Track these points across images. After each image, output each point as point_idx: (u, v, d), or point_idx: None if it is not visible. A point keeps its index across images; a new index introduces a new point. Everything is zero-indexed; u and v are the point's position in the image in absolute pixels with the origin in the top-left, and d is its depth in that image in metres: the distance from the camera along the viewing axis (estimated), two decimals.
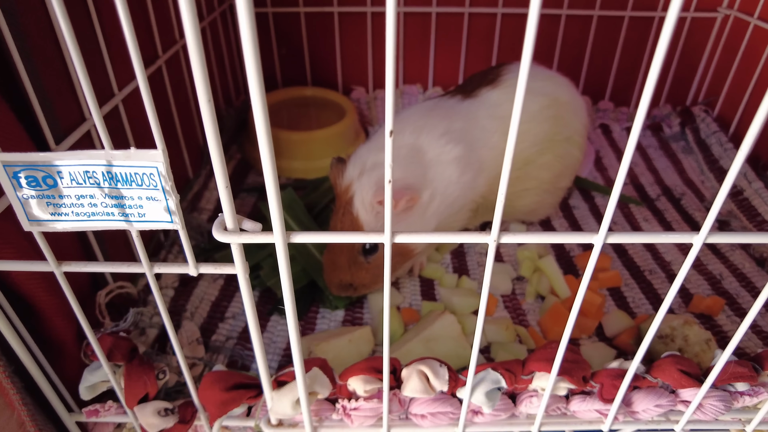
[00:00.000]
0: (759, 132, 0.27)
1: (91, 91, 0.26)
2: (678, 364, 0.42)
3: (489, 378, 0.39)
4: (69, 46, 0.25)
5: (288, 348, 0.56)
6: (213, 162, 0.28)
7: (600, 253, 0.66)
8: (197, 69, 0.24)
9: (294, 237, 0.30)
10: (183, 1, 0.22)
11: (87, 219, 0.31)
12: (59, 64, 0.47)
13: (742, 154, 0.27)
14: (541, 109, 0.62)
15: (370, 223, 0.54)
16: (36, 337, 0.41)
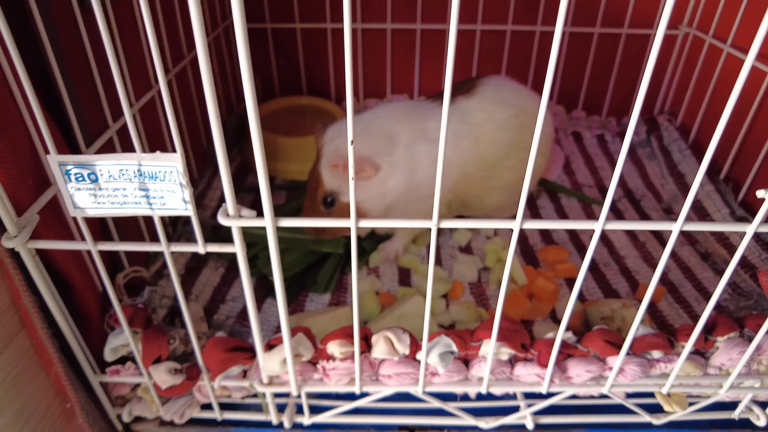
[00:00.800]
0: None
1: (129, 109, 0.35)
2: (604, 335, 0.51)
3: (442, 342, 0.48)
4: (113, 69, 0.33)
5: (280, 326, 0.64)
6: (218, 159, 0.36)
7: (558, 247, 0.75)
8: (207, 85, 0.33)
9: (281, 222, 0.38)
10: (195, 23, 0.31)
11: (120, 207, 0.39)
12: (90, 79, 0.56)
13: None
14: (508, 118, 0.71)
15: (328, 180, 0.66)
16: (68, 309, 0.50)
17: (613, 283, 0.73)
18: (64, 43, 0.51)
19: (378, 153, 0.66)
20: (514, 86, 0.76)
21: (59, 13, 0.50)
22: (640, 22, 1.02)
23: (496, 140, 0.70)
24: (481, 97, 0.71)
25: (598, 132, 1.10)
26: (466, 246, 0.78)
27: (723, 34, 0.92)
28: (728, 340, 0.54)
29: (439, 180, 0.37)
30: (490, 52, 1.04)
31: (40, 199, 0.45)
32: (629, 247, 0.80)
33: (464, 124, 0.70)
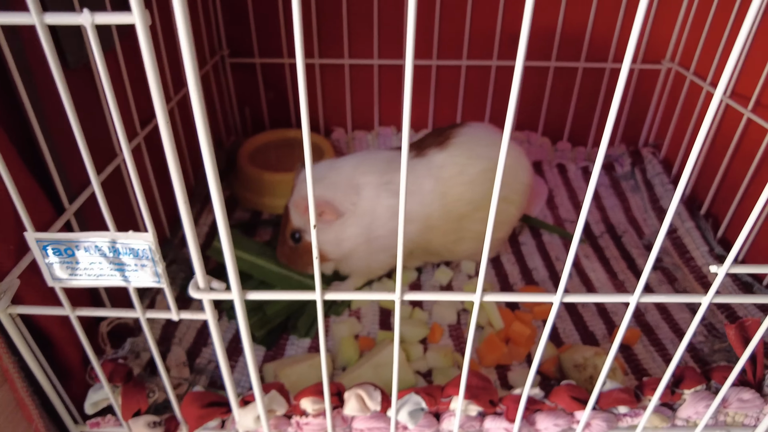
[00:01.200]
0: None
1: (98, 182, 0.36)
2: (570, 391, 0.52)
3: (412, 400, 0.49)
4: (77, 137, 0.35)
5: (261, 371, 0.66)
6: (186, 233, 0.38)
7: (538, 287, 0.76)
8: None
9: (249, 294, 0.40)
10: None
11: (96, 278, 0.41)
12: (71, 134, 0.57)
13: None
14: (479, 172, 0.72)
15: (295, 218, 0.71)
16: (49, 361, 0.51)
17: (590, 324, 0.74)
18: (46, 103, 0.53)
19: (341, 200, 0.69)
20: (490, 137, 0.76)
21: (41, 74, 0.52)
22: (622, 57, 1.04)
23: (465, 194, 0.72)
24: (454, 150, 0.72)
25: (583, 164, 1.11)
26: (447, 285, 0.79)
27: (704, 71, 0.94)
28: (695, 393, 0.55)
29: (400, 251, 0.38)
30: (475, 86, 1.06)
31: (20, 263, 0.46)
32: (608, 286, 0.81)
33: (432, 179, 0.72)
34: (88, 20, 0.30)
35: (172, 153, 0.33)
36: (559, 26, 1.00)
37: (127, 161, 0.35)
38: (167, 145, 0.33)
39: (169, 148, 0.33)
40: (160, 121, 0.32)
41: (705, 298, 0.42)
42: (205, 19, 0.95)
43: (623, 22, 1.00)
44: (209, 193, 0.94)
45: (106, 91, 0.33)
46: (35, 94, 0.51)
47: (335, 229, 0.69)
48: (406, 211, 0.70)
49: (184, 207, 0.36)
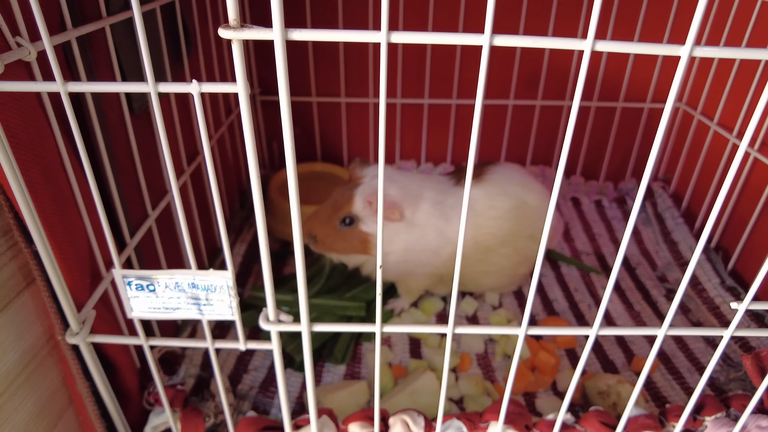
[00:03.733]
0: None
1: (185, 224, 0.41)
2: (599, 417, 0.56)
3: (453, 425, 0.52)
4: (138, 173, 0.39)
5: (299, 396, 0.69)
6: (264, 271, 0.42)
7: (560, 318, 0.80)
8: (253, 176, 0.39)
9: (316, 327, 0.44)
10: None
11: (173, 311, 0.45)
12: (134, 176, 0.62)
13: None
14: (509, 209, 0.76)
15: (357, 207, 0.73)
16: (110, 384, 0.55)
17: (610, 353, 0.78)
18: (116, 146, 0.58)
19: (407, 205, 0.73)
20: (520, 177, 0.82)
21: (113, 121, 0.57)
22: (633, 97, 1.09)
23: (494, 228, 0.77)
24: (488, 186, 0.77)
25: (596, 197, 1.16)
26: (472, 315, 0.83)
27: (711, 112, 0.99)
28: (715, 420, 0.59)
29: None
30: (492, 123, 1.12)
31: (94, 295, 0.51)
32: (625, 317, 0.85)
33: (468, 209, 0.76)
34: (196, 89, 0.35)
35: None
36: (573, 67, 1.06)
37: (216, 197, 0.39)
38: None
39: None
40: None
41: (726, 332, 0.46)
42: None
43: (633, 64, 1.06)
44: (242, 225, 0.98)
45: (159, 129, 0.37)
46: (107, 138, 0.56)
47: (392, 228, 0.73)
48: (446, 235, 0.76)
49: (264, 247, 0.40)
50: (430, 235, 0.74)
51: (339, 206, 0.74)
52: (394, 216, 0.72)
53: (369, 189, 0.73)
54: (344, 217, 0.73)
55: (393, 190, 0.73)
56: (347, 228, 0.74)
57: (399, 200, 0.72)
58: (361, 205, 0.73)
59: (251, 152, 0.36)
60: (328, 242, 0.75)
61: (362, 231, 0.73)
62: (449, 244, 0.75)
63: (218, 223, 0.40)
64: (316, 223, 0.76)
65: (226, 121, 0.93)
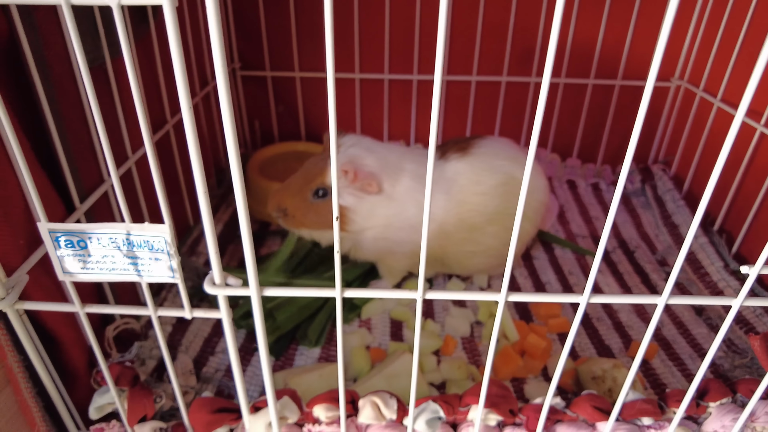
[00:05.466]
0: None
1: (117, 174, 0.36)
2: (592, 401, 0.50)
3: (429, 408, 0.47)
4: (99, 131, 0.34)
5: None
6: (205, 228, 0.37)
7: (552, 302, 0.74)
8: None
9: (266, 291, 0.39)
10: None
11: (108, 273, 0.39)
12: (86, 137, 0.57)
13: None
14: (496, 185, 0.71)
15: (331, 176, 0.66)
16: (54, 364, 0.49)
17: (606, 338, 0.72)
18: (63, 102, 0.53)
19: (386, 177, 0.68)
20: (509, 151, 0.76)
21: (59, 75, 0.52)
22: (632, 74, 1.04)
23: (480, 205, 0.71)
24: (474, 160, 0.72)
25: (593, 180, 1.10)
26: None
27: (713, 88, 0.94)
28: (720, 405, 0.53)
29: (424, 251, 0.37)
30: (485, 102, 1.06)
31: (30, 259, 0.45)
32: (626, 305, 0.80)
33: (452, 184, 0.71)
34: (115, 2, 0.29)
35: (195, 148, 0.33)
36: (569, 43, 1.01)
37: (149, 154, 0.34)
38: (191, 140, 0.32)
39: (192, 140, 0.32)
40: (185, 113, 0.31)
41: (736, 300, 0.41)
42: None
43: (633, 39, 1.01)
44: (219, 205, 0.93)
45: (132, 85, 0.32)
46: (53, 93, 0.51)
47: (370, 202, 0.67)
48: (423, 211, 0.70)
49: (204, 199, 0.35)
50: (410, 210, 0.69)
51: (311, 177, 0.68)
52: (372, 188, 0.66)
53: (344, 158, 0.67)
54: (317, 189, 0.67)
55: (371, 160, 0.67)
56: (320, 200, 0.67)
57: (377, 171, 0.67)
58: (336, 175, 0.67)
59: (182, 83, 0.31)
60: (299, 216, 0.69)
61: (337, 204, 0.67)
62: (432, 220, 0.70)
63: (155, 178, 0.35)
64: (286, 195, 0.69)
65: (201, 92, 0.88)
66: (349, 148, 0.68)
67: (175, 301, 0.73)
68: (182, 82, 0.31)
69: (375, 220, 0.68)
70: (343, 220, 0.68)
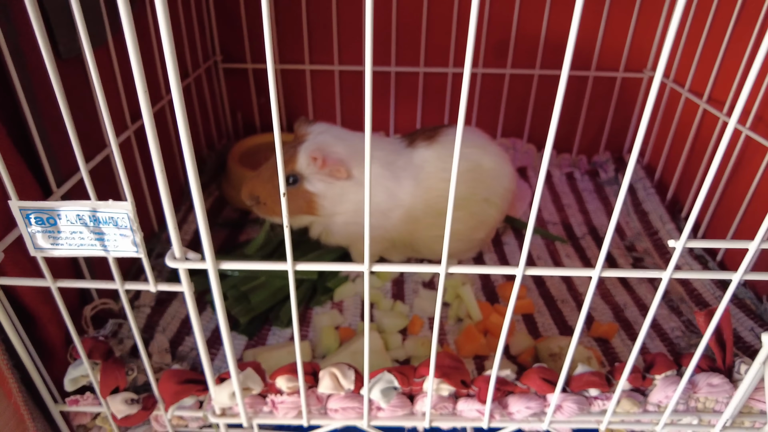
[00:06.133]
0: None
1: (82, 157, 0.38)
2: (541, 373, 0.53)
3: (384, 378, 0.50)
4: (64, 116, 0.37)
5: (241, 359, 0.66)
6: (164, 206, 0.40)
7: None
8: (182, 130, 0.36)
9: (223, 264, 0.41)
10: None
11: (77, 248, 0.42)
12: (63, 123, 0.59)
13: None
14: (463, 171, 0.74)
15: (301, 164, 0.70)
16: (31, 339, 0.52)
17: (569, 319, 0.75)
18: (39, 91, 0.55)
19: (354, 163, 0.70)
20: (476, 140, 0.79)
21: (35, 64, 0.54)
22: (606, 65, 1.07)
23: (446, 191, 0.74)
24: (440, 147, 0.74)
25: (568, 170, 1.13)
26: (429, 281, 0.80)
27: (683, 79, 0.97)
28: (665, 378, 0.56)
29: (367, 223, 0.40)
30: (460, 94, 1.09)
31: (6, 238, 0.48)
32: (587, 284, 0.83)
33: (420, 171, 0.74)
34: None
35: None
36: (543, 34, 1.03)
37: (112, 142, 0.37)
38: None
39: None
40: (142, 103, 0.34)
41: (665, 273, 0.44)
42: (199, 25, 0.98)
43: (605, 31, 1.03)
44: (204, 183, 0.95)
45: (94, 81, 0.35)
46: (29, 82, 0.53)
47: (339, 187, 0.70)
48: (396, 196, 0.72)
49: (160, 172, 0.37)
50: (379, 196, 0.71)
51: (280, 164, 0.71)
52: (340, 174, 0.69)
53: (313, 145, 0.69)
54: (287, 176, 0.70)
55: (339, 147, 0.70)
56: (291, 187, 0.70)
57: (345, 158, 0.69)
58: (306, 162, 0.69)
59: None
60: (271, 203, 0.72)
61: (307, 190, 0.70)
62: (400, 206, 0.73)
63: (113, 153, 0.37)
64: (258, 183, 0.72)
65: (182, 83, 0.90)
66: (318, 136, 0.70)
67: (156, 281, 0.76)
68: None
69: (344, 206, 0.71)
70: (312, 205, 0.71)
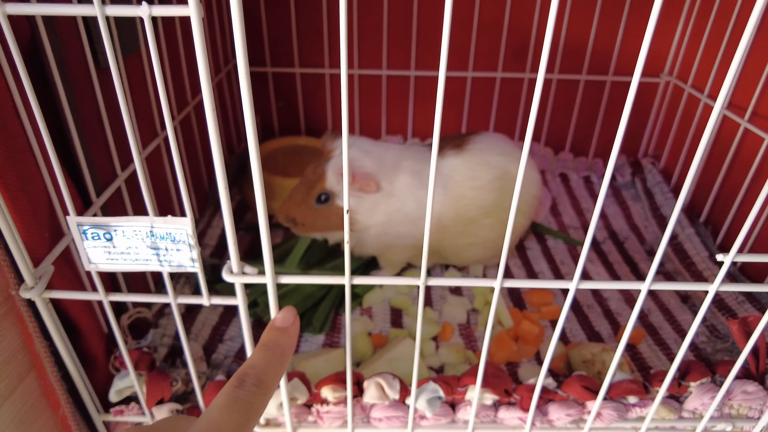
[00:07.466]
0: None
1: (147, 182, 0.38)
2: (581, 381, 0.54)
3: (429, 388, 0.50)
4: (129, 135, 0.37)
5: None
6: (225, 224, 0.40)
7: (544, 289, 0.78)
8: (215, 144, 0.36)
9: (281, 278, 0.42)
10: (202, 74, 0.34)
11: (132, 263, 0.42)
12: (101, 132, 0.60)
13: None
14: (492, 180, 0.74)
15: (330, 181, 0.71)
16: (75, 349, 0.52)
17: (596, 325, 0.76)
18: (79, 99, 0.55)
19: (383, 176, 0.71)
20: (503, 147, 0.79)
21: (76, 72, 0.54)
22: (623, 70, 1.07)
23: (476, 199, 0.74)
24: (469, 156, 0.75)
25: (585, 173, 1.14)
26: (456, 287, 0.81)
27: (701, 84, 0.97)
28: (701, 385, 0.57)
29: (427, 236, 0.41)
30: (480, 97, 1.09)
31: (54, 250, 0.48)
32: (612, 290, 0.84)
33: (448, 179, 0.74)
34: (146, 12, 0.32)
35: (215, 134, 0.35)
36: (562, 40, 1.03)
37: (172, 146, 0.37)
38: (211, 125, 0.35)
39: (213, 125, 0.35)
40: (206, 103, 0.34)
41: (712, 286, 0.45)
42: (220, 29, 0.98)
43: (624, 36, 1.04)
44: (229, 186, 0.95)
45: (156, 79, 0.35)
46: (71, 92, 0.53)
47: (370, 201, 0.71)
48: (422, 205, 0.73)
49: (223, 188, 0.38)
50: (409, 206, 0.72)
51: (312, 184, 0.72)
52: (370, 187, 0.69)
53: (340, 161, 0.70)
54: (319, 195, 0.71)
55: (367, 161, 0.71)
56: (324, 205, 0.71)
57: (374, 171, 0.70)
58: (335, 179, 0.70)
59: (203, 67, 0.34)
60: (308, 223, 0.73)
61: (339, 206, 0.71)
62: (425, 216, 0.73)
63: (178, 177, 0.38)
64: (292, 205, 0.73)
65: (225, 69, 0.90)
66: (350, 151, 0.71)
67: (183, 291, 0.76)
68: (206, 86, 0.34)
69: (376, 218, 0.72)
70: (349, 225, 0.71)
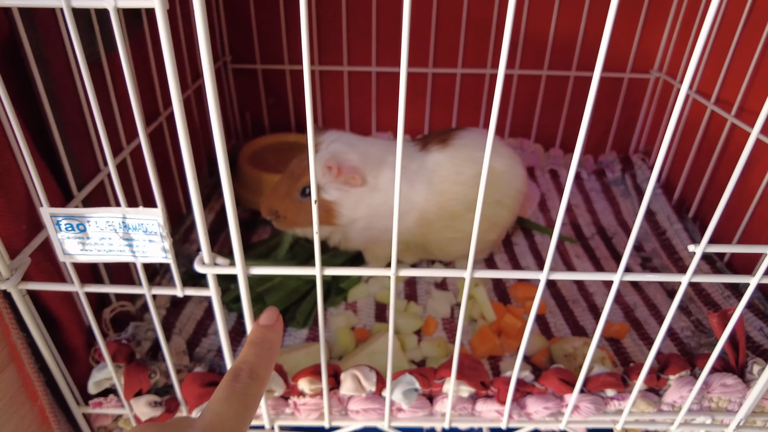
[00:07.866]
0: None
1: (113, 162, 0.39)
2: (559, 374, 0.54)
3: (405, 380, 0.51)
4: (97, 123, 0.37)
5: None
6: (194, 211, 0.40)
7: (529, 284, 0.78)
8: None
9: (252, 269, 0.42)
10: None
11: (106, 254, 0.43)
12: (83, 129, 0.60)
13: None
14: (475, 175, 0.74)
15: (316, 174, 0.70)
16: (54, 342, 0.53)
17: (581, 320, 0.76)
18: (61, 95, 0.55)
19: (369, 170, 0.71)
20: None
21: (57, 70, 0.55)
22: (613, 66, 1.07)
23: (460, 194, 0.74)
24: (453, 151, 0.75)
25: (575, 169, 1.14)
26: (441, 282, 0.81)
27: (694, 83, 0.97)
28: (679, 378, 0.57)
29: (395, 229, 0.41)
30: (470, 93, 1.09)
31: (32, 242, 0.48)
32: (598, 284, 0.84)
33: (433, 174, 0.75)
34: (111, 4, 0.32)
35: (185, 138, 0.36)
36: (551, 35, 1.04)
37: (143, 143, 0.37)
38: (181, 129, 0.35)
39: (182, 130, 0.35)
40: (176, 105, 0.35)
41: (684, 277, 0.45)
42: (209, 26, 0.98)
43: (613, 32, 1.03)
44: (211, 194, 0.96)
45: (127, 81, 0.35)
46: (51, 86, 0.53)
47: (355, 194, 0.71)
48: (410, 200, 0.73)
49: (193, 184, 0.38)
50: (392, 201, 0.72)
51: (297, 177, 0.72)
52: (355, 181, 0.69)
53: (327, 154, 0.70)
54: (303, 188, 0.71)
55: (353, 155, 0.70)
56: (308, 198, 0.71)
57: (360, 165, 0.70)
58: (320, 172, 0.70)
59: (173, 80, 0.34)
60: (291, 216, 0.72)
61: (324, 200, 0.70)
62: (413, 209, 0.74)
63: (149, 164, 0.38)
64: (276, 198, 0.73)
65: (193, 85, 0.91)
66: (330, 144, 0.71)
67: (169, 285, 0.76)
68: (173, 79, 0.34)
69: (361, 211, 0.72)
70: (331, 214, 0.71)
